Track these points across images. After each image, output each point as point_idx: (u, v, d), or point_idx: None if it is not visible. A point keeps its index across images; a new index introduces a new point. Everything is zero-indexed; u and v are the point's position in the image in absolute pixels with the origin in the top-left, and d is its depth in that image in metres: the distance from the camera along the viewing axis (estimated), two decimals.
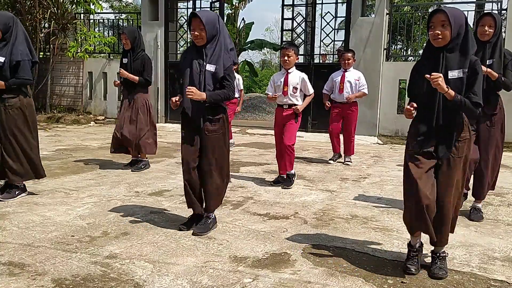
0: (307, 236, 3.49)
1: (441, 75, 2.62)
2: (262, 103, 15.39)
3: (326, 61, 11.04)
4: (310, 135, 9.37)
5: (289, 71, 5.11)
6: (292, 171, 5.16)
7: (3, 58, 4.04)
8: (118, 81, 5.89)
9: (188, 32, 11.42)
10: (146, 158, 5.92)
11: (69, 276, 2.67)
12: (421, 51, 16.80)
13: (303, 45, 11.08)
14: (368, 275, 2.81)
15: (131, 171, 5.69)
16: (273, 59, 30.52)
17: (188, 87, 3.31)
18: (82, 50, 11.50)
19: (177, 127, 5.61)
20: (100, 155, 6.86)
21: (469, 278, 2.81)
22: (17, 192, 4.30)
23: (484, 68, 3.70)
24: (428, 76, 2.63)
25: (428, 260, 2.97)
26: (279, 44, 13.76)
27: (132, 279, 2.66)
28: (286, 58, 5.04)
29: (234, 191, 4.85)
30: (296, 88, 5.05)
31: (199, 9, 11.31)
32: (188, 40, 11.61)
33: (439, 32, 2.66)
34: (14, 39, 4.11)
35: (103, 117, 11.79)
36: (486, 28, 3.77)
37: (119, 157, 6.57)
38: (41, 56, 12.16)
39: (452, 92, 2.64)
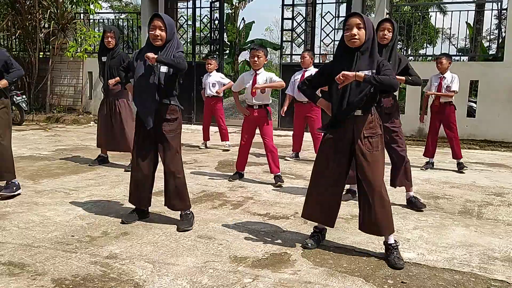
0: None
1: (343, 73, 2.83)
2: None
3: (326, 61, 11.03)
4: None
5: (257, 72, 5.15)
6: (279, 173, 5.27)
7: None
8: (113, 81, 5.75)
9: (189, 31, 11.47)
10: None
11: (69, 276, 2.66)
12: (421, 51, 16.74)
13: (303, 45, 11.07)
14: (368, 275, 2.81)
15: (125, 171, 5.68)
16: (273, 59, 30.52)
17: (146, 54, 3.37)
18: (82, 50, 11.49)
19: None
20: None
21: (469, 278, 2.80)
22: (15, 188, 4.34)
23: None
24: (338, 78, 2.85)
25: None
26: (279, 44, 13.75)
27: (132, 279, 2.66)
28: (256, 59, 5.08)
29: (234, 191, 4.85)
30: (264, 88, 5.09)
31: (199, 9, 11.32)
32: (188, 40, 11.61)
33: (355, 33, 2.87)
34: None
35: None
36: (386, 32, 3.97)
37: (119, 157, 6.57)
38: (41, 56, 12.16)
39: (361, 73, 2.85)
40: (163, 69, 3.46)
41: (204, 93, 7.86)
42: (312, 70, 6.65)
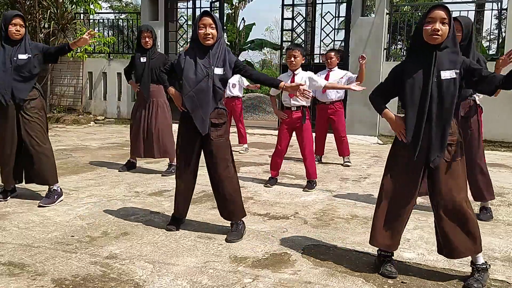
0: (307, 236, 3.49)
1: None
2: (262, 103, 15.37)
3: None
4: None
5: (295, 72, 5.01)
6: (315, 179, 5.12)
7: (26, 55, 4.02)
8: (137, 87, 5.64)
9: (189, 31, 11.46)
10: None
11: (69, 276, 2.66)
12: None
13: (303, 45, 11.07)
14: (368, 275, 2.81)
15: (162, 175, 5.52)
16: (273, 59, 30.50)
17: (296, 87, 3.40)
18: (82, 50, 11.49)
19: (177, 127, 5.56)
20: (100, 155, 6.86)
21: None
22: (56, 196, 4.20)
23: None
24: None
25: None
26: (279, 44, 13.75)
27: (132, 279, 2.66)
28: (292, 59, 4.92)
29: None
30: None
31: (199, 9, 11.31)
32: (188, 40, 11.61)
33: (439, 28, 2.55)
34: (28, 37, 4.13)
35: (103, 117, 11.80)
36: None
37: (119, 157, 6.58)
38: None
39: None
40: (218, 70, 3.28)
41: (224, 94, 7.69)
42: (337, 71, 6.48)
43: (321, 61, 10.72)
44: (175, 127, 5.77)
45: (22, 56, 4.01)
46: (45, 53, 4.15)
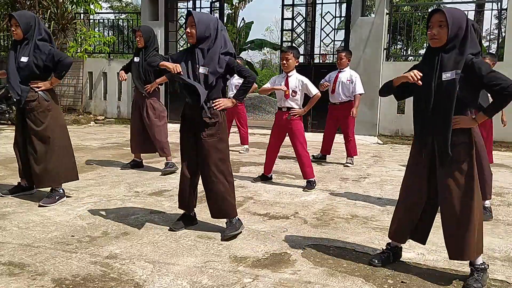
0: (307, 236, 3.49)
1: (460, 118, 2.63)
2: (262, 103, 15.39)
3: (326, 61, 11.02)
4: (310, 135, 9.33)
5: (289, 74, 5.06)
6: (313, 179, 5.10)
7: (26, 58, 3.99)
8: (125, 77, 5.79)
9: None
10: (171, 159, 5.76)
11: (69, 276, 2.67)
12: (421, 51, 16.76)
13: (303, 45, 11.08)
14: (368, 275, 2.81)
15: (161, 174, 5.55)
16: (273, 59, 30.55)
17: (217, 101, 3.39)
18: (82, 50, 11.50)
19: (177, 127, 5.57)
20: (100, 155, 6.86)
21: None
22: (57, 197, 4.18)
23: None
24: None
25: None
26: (279, 44, 13.75)
27: (132, 279, 2.66)
28: (284, 61, 5.01)
29: None
30: (295, 92, 5.01)
31: (199, 9, 11.31)
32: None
33: (435, 33, 2.65)
34: (35, 39, 4.04)
35: (103, 117, 11.80)
36: None
37: (119, 157, 6.58)
38: None
39: (481, 117, 2.62)
40: (202, 70, 3.32)
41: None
42: (347, 71, 6.47)
43: (321, 61, 10.74)
44: (172, 127, 5.82)
45: (23, 59, 4.00)
46: (52, 59, 4.05)
